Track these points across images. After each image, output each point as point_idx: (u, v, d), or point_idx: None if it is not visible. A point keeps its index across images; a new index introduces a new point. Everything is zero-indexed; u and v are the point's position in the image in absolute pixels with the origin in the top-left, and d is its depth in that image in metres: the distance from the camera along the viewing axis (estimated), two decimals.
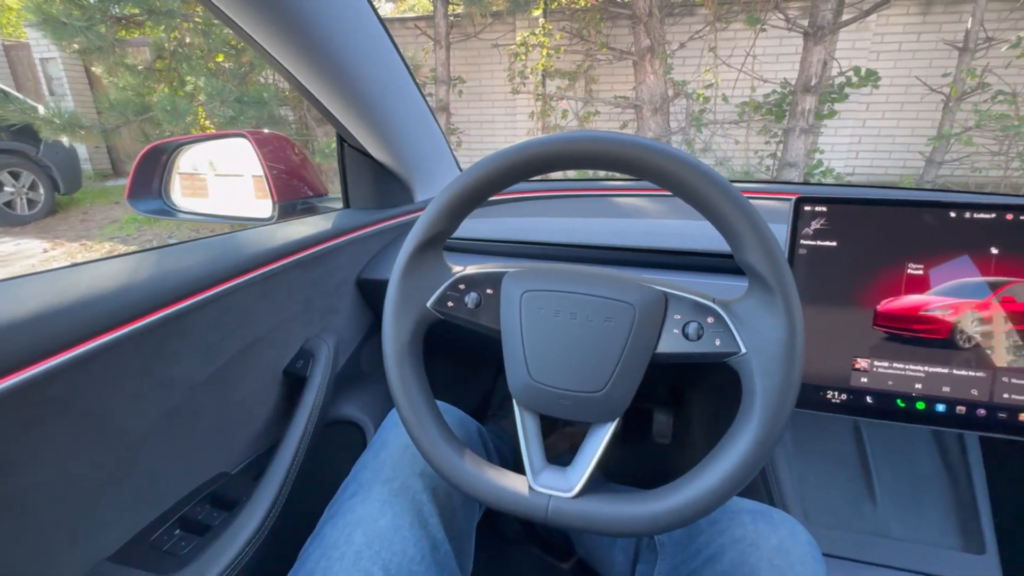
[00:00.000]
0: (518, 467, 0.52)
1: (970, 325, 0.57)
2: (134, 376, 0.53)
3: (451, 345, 0.94)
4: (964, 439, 0.73)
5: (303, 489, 0.67)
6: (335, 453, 0.78)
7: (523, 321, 0.50)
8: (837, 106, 3.94)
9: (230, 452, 0.67)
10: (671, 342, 0.49)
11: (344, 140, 0.83)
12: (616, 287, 0.49)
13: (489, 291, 0.53)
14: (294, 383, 0.74)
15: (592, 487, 0.49)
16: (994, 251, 0.56)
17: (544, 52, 4.18)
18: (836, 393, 0.61)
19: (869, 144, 4.83)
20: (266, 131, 1.13)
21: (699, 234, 0.74)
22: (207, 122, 3.87)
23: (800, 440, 0.79)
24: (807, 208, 0.60)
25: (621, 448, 1.23)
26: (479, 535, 0.66)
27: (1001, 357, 0.57)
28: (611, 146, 0.44)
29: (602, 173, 0.50)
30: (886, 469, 0.74)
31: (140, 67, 3.81)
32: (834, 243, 0.60)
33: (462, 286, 0.52)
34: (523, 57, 4.16)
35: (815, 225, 0.60)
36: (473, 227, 0.84)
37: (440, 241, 0.53)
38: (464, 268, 0.54)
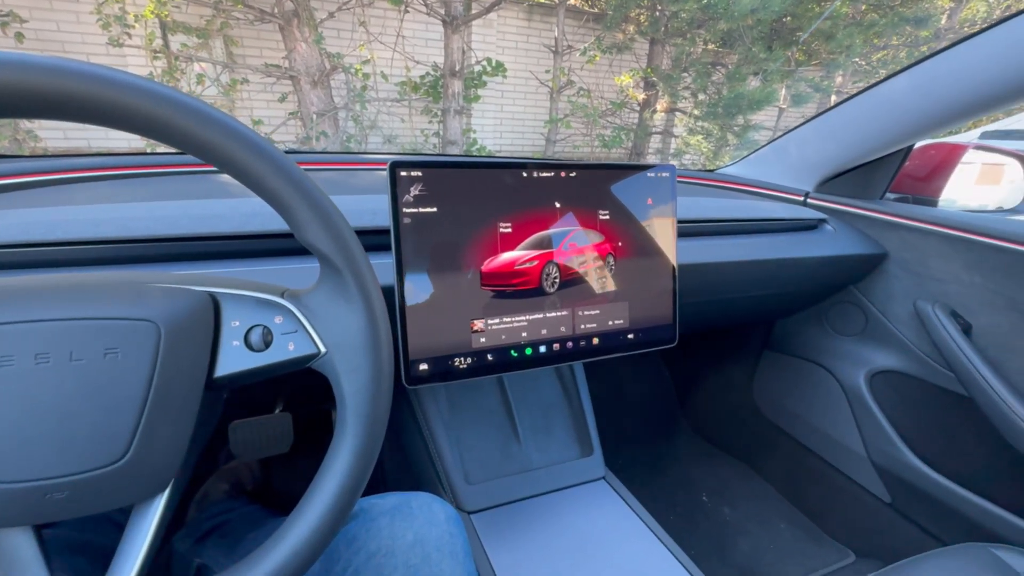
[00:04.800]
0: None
1: (551, 272, 0.65)
2: None
3: None
4: (573, 367, 0.88)
5: None
6: None
7: None
8: (480, 91, 4.53)
9: None
10: (234, 359, 0.36)
11: None
12: (121, 299, 0.32)
13: None
14: None
15: None
16: (557, 204, 0.65)
17: None
18: (462, 359, 0.61)
19: (508, 126, 5.77)
20: None
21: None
22: None
23: (455, 403, 0.80)
24: (403, 174, 0.56)
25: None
26: None
27: (575, 295, 0.67)
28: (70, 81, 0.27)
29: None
30: (525, 409, 0.83)
31: None
32: (434, 208, 0.58)
33: None
34: None
35: (414, 192, 0.57)
36: None
37: None
38: None
